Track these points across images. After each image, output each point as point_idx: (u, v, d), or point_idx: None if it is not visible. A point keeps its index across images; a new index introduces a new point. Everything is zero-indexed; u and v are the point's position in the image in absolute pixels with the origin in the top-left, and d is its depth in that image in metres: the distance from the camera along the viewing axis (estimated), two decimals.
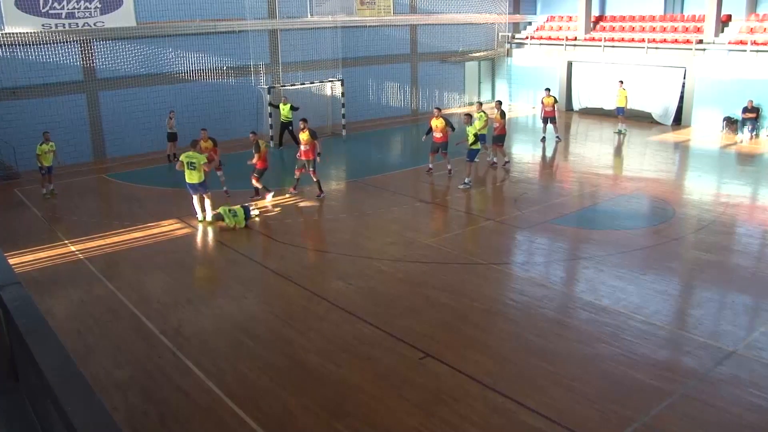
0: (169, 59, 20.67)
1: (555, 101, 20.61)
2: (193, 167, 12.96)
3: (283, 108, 20.60)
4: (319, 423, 6.61)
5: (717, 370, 7.39)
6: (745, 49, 21.47)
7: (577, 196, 15.30)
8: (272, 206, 14.50)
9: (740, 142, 20.72)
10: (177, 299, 10.04)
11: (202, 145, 14.83)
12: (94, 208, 15.60)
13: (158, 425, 6.62)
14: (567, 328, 8.62)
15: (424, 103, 27.69)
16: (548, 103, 20.45)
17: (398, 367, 7.66)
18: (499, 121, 17.31)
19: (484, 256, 11.32)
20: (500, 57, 29.72)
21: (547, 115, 20.60)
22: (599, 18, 27.89)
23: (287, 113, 20.56)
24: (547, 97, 20.51)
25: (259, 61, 22.37)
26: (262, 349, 8.23)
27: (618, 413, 6.59)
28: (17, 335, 2.07)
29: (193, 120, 20.26)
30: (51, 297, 10.00)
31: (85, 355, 8.08)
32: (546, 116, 20.69)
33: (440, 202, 14.79)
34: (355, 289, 10.08)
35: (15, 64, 18.01)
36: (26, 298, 2.21)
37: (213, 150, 14.93)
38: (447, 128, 16.34)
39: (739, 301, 9.45)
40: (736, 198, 14.48)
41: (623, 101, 22.01)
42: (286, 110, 20.56)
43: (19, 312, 2.11)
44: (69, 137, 19.20)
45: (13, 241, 12.46)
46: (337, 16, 23.82)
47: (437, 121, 16.42)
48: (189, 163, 12.93)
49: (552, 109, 20.45)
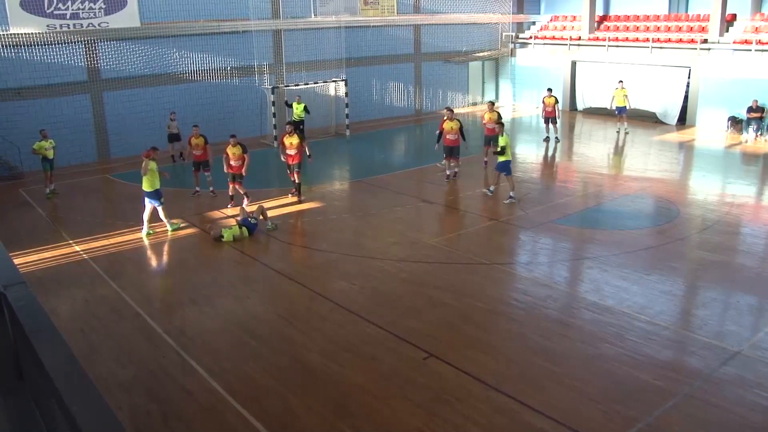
0: (173, 59, 20.72)
1: (556, 101, 20.51)
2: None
3: (296, 107, 20.78)
4: (323, 423, 6.61)
5: (722, 371, 7.36)
6: (750, 49, 21.40)
7: (581, 196, 15.27)
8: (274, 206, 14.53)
9: (745, 141, 20.65)
10: (181, 299, 10.06)
11: (193, 141, 15.21)
12: (98, 208, 15.64)
13: (161, 425, 6.63)
14: (571, 328, 8.61)
15: (427, 103, 27.68)
16: (549, 103, 20.39)
17: (401, 367, 7.65)
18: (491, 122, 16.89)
19: (488, 256, 11.31)
20: (504, 57, 29.69)
21: (549, 116, 20.54)
22: (603, 18, 27.83)
23: (300, 112, 20.72)
24: (548, 98, 20.46)
25: (262, 62, 22.40)
26: (266, 349, 8.23)
27: (622, 413, 6.58)
28: (22, 335, 2.07)
29: (197, 120, 20.18)
30: (55, 297, 10.03)
31: (89, 355, 8.11)
32: (547, 116, 20.63)
33: (443, 203, 14.77)
34: (359, 289, 10.08)
35: (20, 65, 18.08)
36: (31, 297, 2.22)
37: (204, 148, 15.11)
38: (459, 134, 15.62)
39: (744, 301, 9.42)
40: (741, 198, 14.43)
41: (622, 101, 21.80)
42: (300, 109, 20.74)
43: (23, 312, 2.12)
44: (73, 137, 19.27)
45: (18, 241, 12.51)
46: (340, 16, 23.83)
47: (451, 124, 15.67)
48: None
49: (553, 109, 20.37)
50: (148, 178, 12.44)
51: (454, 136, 15.72)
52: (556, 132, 20.91)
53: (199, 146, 15.11)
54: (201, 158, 15.21)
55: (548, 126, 20.91)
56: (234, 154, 14.12)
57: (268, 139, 21.78)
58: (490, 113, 17.32)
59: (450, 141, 15.80)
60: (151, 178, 12.45)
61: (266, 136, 22.14)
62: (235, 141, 14.32)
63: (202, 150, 15.14)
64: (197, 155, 15.22)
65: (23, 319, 2.08)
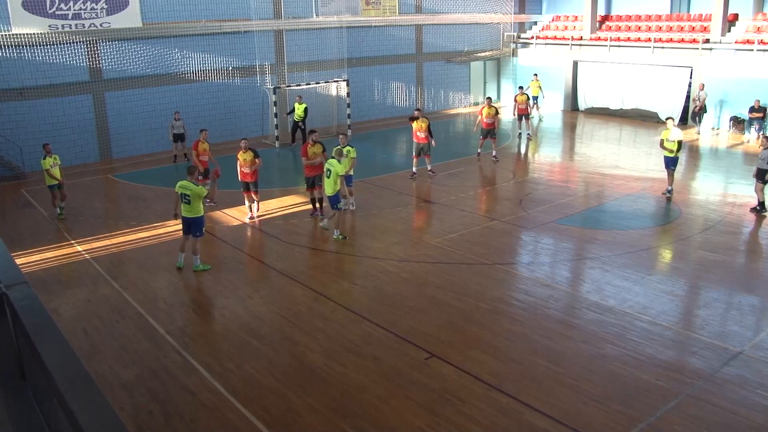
0: (174, 60, 20.74)
1: (528, 99, 21.82)
2: (187, 200, 10.60)
3: (297, 107, 20.86)
4: (325, 423, 6.61)
5: (724, 371, 7.36)
6: (752, 49, 21.37)
7: (583, 196, 15.26)
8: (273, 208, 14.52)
9: (747, 141, 20.62)
10: (183, 299, 10.07)
11: (200, 147, 14.58)
12: (100, 208, 15.65)
13: (164, 425, 6.64)
14: (573, 328, 8.60)
15: (429, 103, 27.68)
16: (521, 100, 21.44)
17: (403, 367, 7.66)
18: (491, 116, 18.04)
19: (490, 256, 11.30)
20: (506, 57, 29.68)
21: (521, 113, 21.56)
22: (605, 17, 27.80)
23: (301, 113, 20.83)
24: (520, 95, 21.54)
25: (264, 62, 22.41)
26: (268, 349, 8.24)
27: (624, 414, 6.57)
28: (24, 335, 2.08)
29: (199, 120, 20.29)
30: (57, 297, 10.05)
31: (92, 355, 8.12)
32: (520, 114, 21.61)
33: (445, 203, 14.77)
34: (361, 289, 10.09)
35: (22, 65, 18.10)
36: (33, 297, 2.22)
37: (208, 153, 14.65)
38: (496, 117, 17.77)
39: (746, 301, 9.41)
40: (743, 198, 14.41)
41: (536, 91, 24.83)
42: (300, 110, 20.85)
43: (26, 312, 2.12)
44: (75, 138, 19.29)
45: (20, 241, 12.53)
46: (342, 16, 23.83)
47: (489, 110, 17.68)
48: (183, 195, 10.65)
49: (525, 106, 21.49)
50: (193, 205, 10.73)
51: (491, 120, 17.76)
52: (528, 128, 22.01)
53: (206, 151, 14.57)
54: (206, 165, 14.50)
55: (521, 123, 21.82)
56: (245, 160, 13.21)
57: (269, 139, 21.80)
58: (488, 108, 17.99)
59: (488, 124, 17.82)
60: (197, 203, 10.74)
61: (268, 137, 22.15)
62: (246, 145, 13.35)
63: (208, 156, 14.60)
64: (204, 161, 14.51)
65: (25, 319, 2.08)
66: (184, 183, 10.62)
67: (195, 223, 10.72)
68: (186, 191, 10.56)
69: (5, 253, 2.70)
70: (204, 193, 10.66)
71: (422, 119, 16.23)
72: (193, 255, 10.90)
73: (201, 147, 14.61)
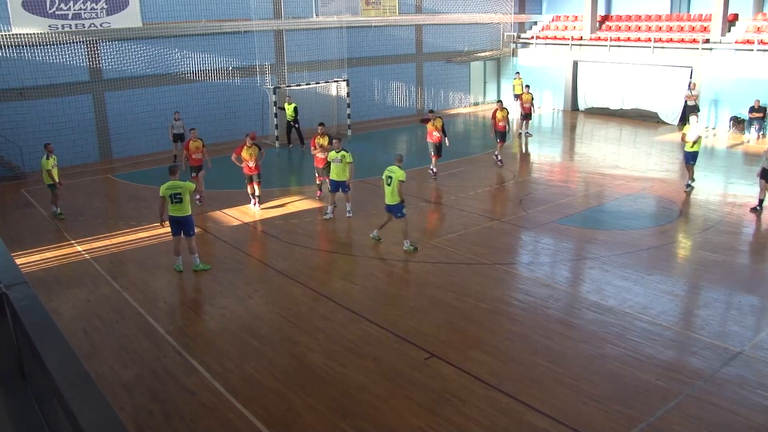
0: (174, 60, 20.74)
1: (532, 98, 22.20)
2: (179, 199, 10.57)
3: (288, 108, 20.86)
4: (324, 423, 6.61)
5: (724, 371, 7.36)
6: (752, 49, 21.37)
7: (583, 196, 15.26)
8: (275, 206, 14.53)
9: (747, 141, 20.63)
10: (183, 299, 10.08)
11: (191, 145, 14.71)
12: (100, 208, 15.65)
13: (164, 425, 6.64)
14: (573, 328, 8.60)
15: (429, 103, 27.67)
16: (527, 99, 21.91)
17: (403, 367, 7.66)
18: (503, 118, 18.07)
19: (490, 256, 11.30)
20: (506, 57, 29.68)
21: (526, 112, 21.99)
22: (605, 17, 27.81)
23: (291, 113, 20.85)
24: (526, 94, 22.06)
25: (264, 62, 22.42)
26: (268, 349, 8.24)
27: (624, 414, 6.57)
28: (24, 335, 2.08)
29: (199, 120, 20.30)
30: (57, 297, 10.05)
31: (92, 355, 8.12)
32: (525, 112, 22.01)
33: (445, 203, 14.77)
34: (361, 289, 10.09)
35: (22, 65, 18.11)
36: (33, 297, 2.22)
37: (201, 151, 14.69)
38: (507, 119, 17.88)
39: (746, 301, 9.41)
40: (743, 198, 14.41)
41: (519, 89, 24.64)
42: (291, 110, 20.85)
43: (26, 312, 2.12)
44: (75, 138, 19.30)
45: (20, 241, 12.53)
46: (342, 16, 23.84)
47: (502, 113, 17.78)
48: (173, 195, 10.58)
49: (529, 105, 21.99)
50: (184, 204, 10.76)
51: (503, 122, 17.85)
52: (527, 127, 22.29)
53: (198, 149, 14.67)
54: (199, 162, 14.59)
55: (522, 122, 22.21)
56: (251, 154, 13.86)
57: (269, 139, 21.80)
58: (501, 111, 18.02)
59: (501, 127, 17.84)
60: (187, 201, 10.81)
61: (268, 137, 22.15)
62: (252, 141, 14.05)
63: (201, 153, 14.69)
64: (197, 159, 14.62)
65: (25, 319, 2.08)
66: (171, 183, 10.57)
67: (187, 222, 10.72)
68: (177, 190, 10.54)
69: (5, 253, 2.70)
70: (193, 187, 10.97)
71: (437, 119, 16.82)
72: (191, 254, 10.91)
73: (192, 145, 14.71)
